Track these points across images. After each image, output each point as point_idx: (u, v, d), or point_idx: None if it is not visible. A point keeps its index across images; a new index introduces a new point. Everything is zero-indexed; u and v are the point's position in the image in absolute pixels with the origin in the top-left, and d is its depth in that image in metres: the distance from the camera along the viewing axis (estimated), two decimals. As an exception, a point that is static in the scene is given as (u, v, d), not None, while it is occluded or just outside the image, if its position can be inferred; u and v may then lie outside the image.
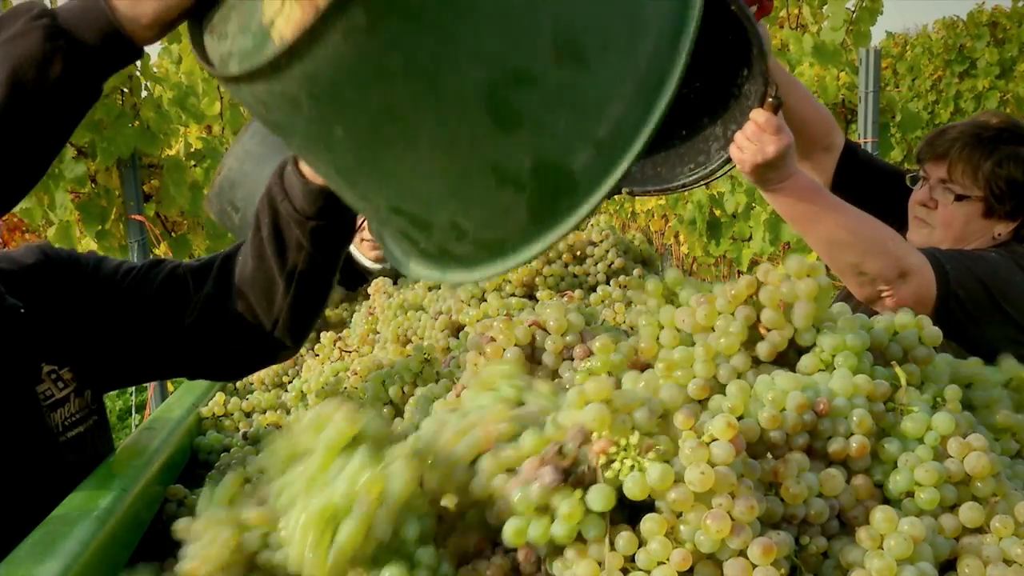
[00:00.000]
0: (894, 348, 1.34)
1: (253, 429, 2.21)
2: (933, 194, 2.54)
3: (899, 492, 1.19)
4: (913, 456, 1.18)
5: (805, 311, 1.25)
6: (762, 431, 1.16)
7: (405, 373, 2.01)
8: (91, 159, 4.43)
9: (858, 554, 1.09)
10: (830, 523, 1.15)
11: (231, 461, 2.09)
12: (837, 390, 1.20)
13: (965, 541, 1.16)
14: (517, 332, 1.43)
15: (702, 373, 1.26)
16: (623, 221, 13.66)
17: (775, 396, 1.16)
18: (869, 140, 4.88)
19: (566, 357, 1.45)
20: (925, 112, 12.03)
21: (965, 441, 1.19)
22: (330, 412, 1.14)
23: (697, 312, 1.28)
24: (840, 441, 1.17)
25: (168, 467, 1.94)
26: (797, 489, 1.11)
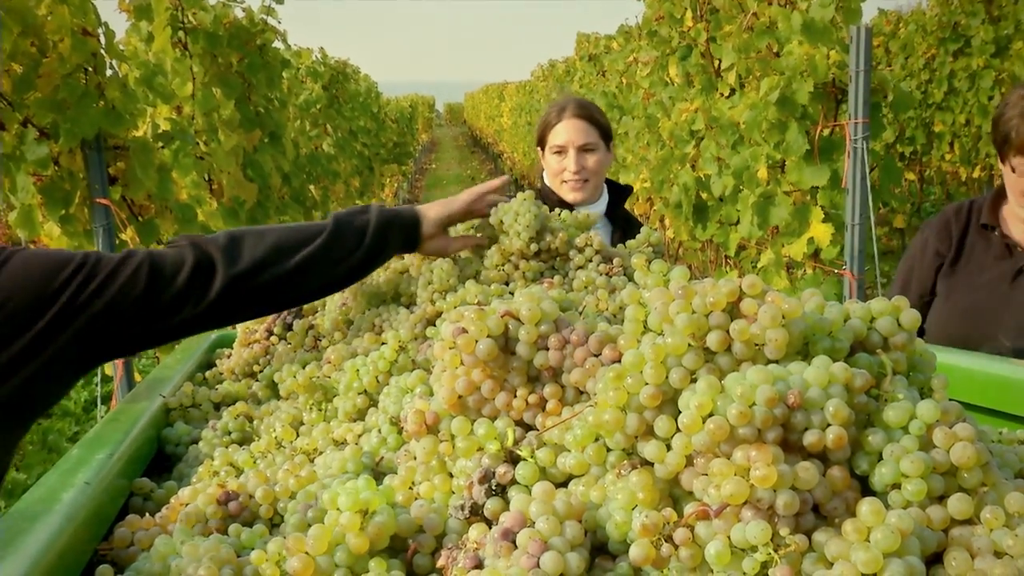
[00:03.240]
0: (873, 336, 1.35)
1: (223, 420, 2.20)
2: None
3: (885, 484, 1.20)
4: (898, 447, 1.19)
5: (775, 348, 1.26)
6: (731, 428, 1.16)
7: (380, 362, 2.01)
8: (54, 141, 4.39)
9: (843, 547, 1.09)
10: (805, 517, 1.16)
11: (200, 453, 2.08)
12: (812, 380, 1.21)
13: (954, 533, 1.17)
14: (489, 323, 1.44)
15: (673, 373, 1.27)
16: (607, 204, 13.66)
17: (744, 391, 1.17)
18: (860, 120, 4.89)
19: (541, 347, 1.45)
20: (918, 92, 12.06)
21: (951, 430, 1.20)
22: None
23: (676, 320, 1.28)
24: (816, 433, 1.18)
25: (133, 460, 1.93)
26: (765, 472, 1.12)
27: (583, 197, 3.71)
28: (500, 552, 1.21)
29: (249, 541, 1.49)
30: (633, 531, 1.21)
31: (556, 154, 3.74)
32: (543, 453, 1.38)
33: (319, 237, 2.05)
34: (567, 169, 3.69)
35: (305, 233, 2.06)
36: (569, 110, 3.73)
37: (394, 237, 2.20)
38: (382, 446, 1.77)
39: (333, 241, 2.07)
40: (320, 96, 11.76)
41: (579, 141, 3.69)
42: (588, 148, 3.71)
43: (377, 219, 2.17)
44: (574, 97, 3.85)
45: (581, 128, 3.71)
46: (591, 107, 3.79)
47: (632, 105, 9.44)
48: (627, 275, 2.26)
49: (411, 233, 2.27)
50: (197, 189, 5.76)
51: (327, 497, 1.34)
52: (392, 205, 2.24)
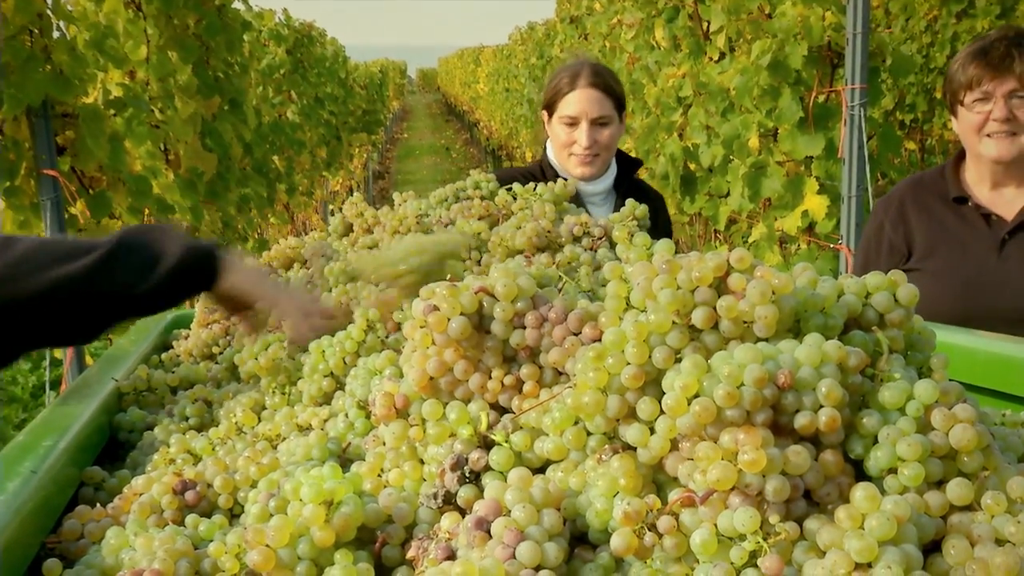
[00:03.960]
0: (869, 313, 1.36)
1: (180, 405, 2.19)
2: (1012, 108, 2.99)
3: (880, 469, 1.20)
4: (895, 429, 1.20)
5: (764, 326, 1.26)
6: (719, 410, 1.17)
7: (347, 342, 2.00)
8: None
9: (836, 535, 1.10)
10: (796, 503, 1.16)
11: (155, 440, 2.08)
12: (803, 359, 1.21)
13: (953, 520, 1.18)
14: (462, 300, 1.43)
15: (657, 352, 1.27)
16: (590, 176, 13.65)
17: (731, 371, 1.17)
18: (857, 86, 4.90)
19: (517, 325, 1.45)
20: (919, 56, 12.08)
21: (951, 412, 1.20)
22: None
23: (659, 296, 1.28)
24: (807, 415, 1.18)
25: (84, 448, 1.93)
26: (754, 456, 1.12)
27: (591, 173, 3.64)
28: (474, 542, 1.21)
29: (207, 533, 1.49)
30: (615, 519, 1.21)
31: (567, 125, 3.62)
32: (519, 437, 1.38)
33: (87, 256, 1.77)
34: (578, 143, 3.60)
35: (69, 248, 1.78)
36: (584, 77, 3.61)
37: (196, 278, 1.92)
38: (349, 431, 1.77)
39: (106, 264, 1.78)
40: (284, 61, 11.71)
41: (593, 113, 3.58)
42: (602, 121, 3.61)
43: (181, 249, 1.87)
44: (589, 61, 3.74)
45: (595, 99, 3.59)
46: (606, 74, 3.69)
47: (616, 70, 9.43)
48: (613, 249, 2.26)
49: (212, 276, 1.96)
50: (152, 160, 5.73)
51: (289, 487, 1.34)
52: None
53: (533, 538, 1.19)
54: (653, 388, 1.26)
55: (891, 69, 5.24)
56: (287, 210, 11.60)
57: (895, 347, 1.34)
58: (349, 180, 18.39)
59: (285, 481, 1.38)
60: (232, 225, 7.16)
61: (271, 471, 1.62)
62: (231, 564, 1.32)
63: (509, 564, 1.16)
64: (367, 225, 2.73)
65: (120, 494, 1.68)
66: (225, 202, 6.78)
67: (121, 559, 1.41)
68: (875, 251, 3.33)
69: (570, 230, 2.34)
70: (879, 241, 3.32)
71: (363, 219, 2.74)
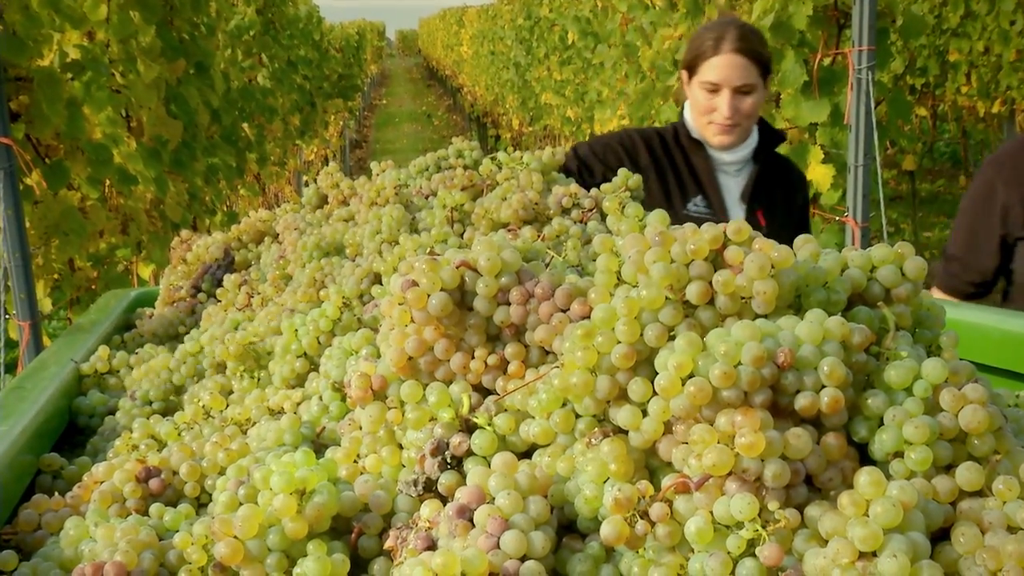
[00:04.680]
0: (874, 287, 1.36)
1: (143, 388, 2.19)
2: None
3: (886, 452, 1.20)
4: (901, 410, 1.20)
5: (763, 301, 1.26)
6: (715, 390, 1.17)
7: (321, 320, 2.00)
8: (-55, 71, 4.34)
9: (839, 522, 1.10)
10: (796, 489, 1.17)
11: (117, 425, 2.07)
12: (804, 337, 1.21)
13: (963, 506, 1.18)
14: (443, 274, 1.43)
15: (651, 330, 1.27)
16: (581, 144, 13.63)
17: (728, 349, 1.17)
18: (865, 48, 4.89)
19: (501, 302, 1.45)
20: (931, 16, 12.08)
21: (960, 392, 1.21)
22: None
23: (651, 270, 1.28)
24: (809, 396, 1.19)
25: (41, 433, 1.92)
26: (752, 439, 1.13)
27: (730, 142, 3.60)
28: (456, 531, 1.22)
29: (173, 523, 1.49)
30: (605, 507, 1.21)
31: (707, 91, 3.56)
32: (503, 420, 1.38)
33: None
34: (718, 111, 3.54)
35: None
36: (728, 41, 3.51)
37: None
38: (323, 415, 1.77)
39: None
40: (253, 21, 11.64)
41: (736, 82, 3.52)
42: (745, 89, 3.54)
43: None
44: (736, 22, 3.65)
45: (740, 66, 3.51)
46: (753, 37, 3.59)
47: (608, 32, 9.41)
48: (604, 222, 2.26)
49: None
50: (113, 127, 5.70)
51: (260, 475, 1.34)
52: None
53: (518, 527, 1.20)
54: (645, 368, 1.26)
55: (901, 30, 5.24)
56: (258, 181, 11.57)
57: (902, 324, 1.35)
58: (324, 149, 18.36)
59: (255, 468, 1.38)
60: (199, 197, 7.14)
61: (240, 457, 1.62)
62: (198, 556, 1.32)
63: (493, 554, 1.16)
64: (343, 196, 2.73)
65: (80, 482, 1.68)
66: (191, 172, 6.76)
67: (81, 551, 1.40)
68: (984, 215, 3.27)
69: (559, 201, 2.34)
70: (990, 205, 3.24)
71: (339, 190, 2.74)
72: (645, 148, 3.63)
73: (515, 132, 20.27)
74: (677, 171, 3.64)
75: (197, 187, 6.99)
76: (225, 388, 2.11)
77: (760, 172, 3.69)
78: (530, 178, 2.40)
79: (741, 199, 3.65)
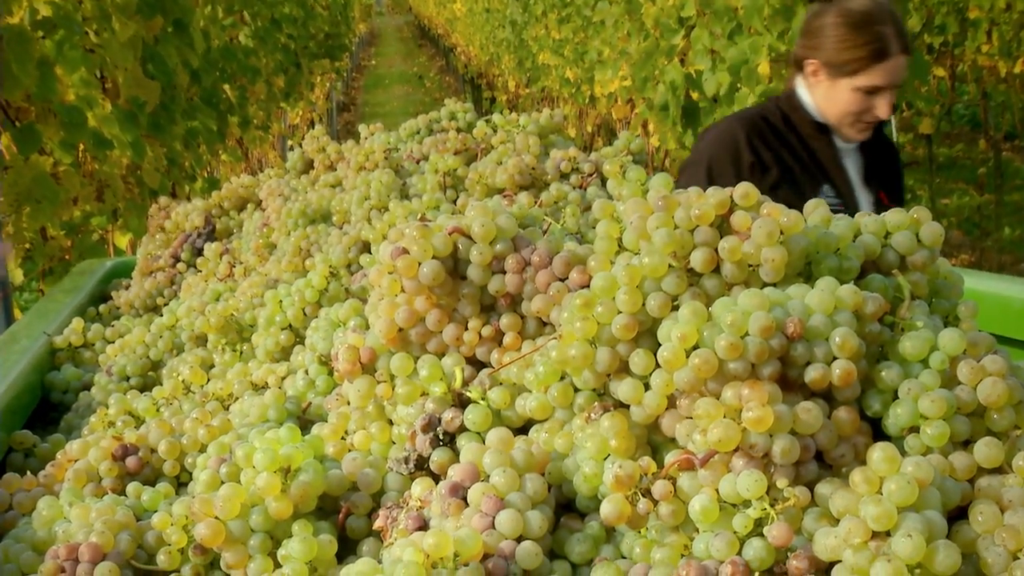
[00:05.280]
0: (888, 254, 1.36)
1: (120, 363, 2.19)
2: None
3: (900, 427, 1.21)
4: (916, 383, 1.20)
5: (771, 269, 1.26)
6: (720, 362, 1.17)
7: (307, 291, 2.00)
8: (-92, 29, 4.33)
9: (851, 501, 1.10)
10: (806, 466, 1.17)
11: (92, 401, 2.08)
12: (815, 306, 1.21)
13: (981, 483, 1.18)
14: (435, 241, 1.43)
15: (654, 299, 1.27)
16: (580, 108, 13.62)
17: (735, 319, 1.17)
18: (879, 5, 4.88)
19: (496, 270, 1.45)
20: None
21: (979, 364, 1.21)
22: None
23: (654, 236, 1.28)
24: (819, 368, 1.19)
25: (12, 410, 1.93)
26: (760, 413, 1.13)
27: (868, 137, 3.49)
28: (448, 511, 1.22)
29: (151, 503, 1.49)
30: (605, 485, 1.21)
31: (865, 93, 3.37)
32: (498, 395, 1.38)
33: None
34: (874, 110, 3.39)
35: None
36: (894, 42, 3.33)
37: None
38: (309, 390, 1.77)
39: None
40: (235, -24, 11.60)
41: (900, 80, 3.41)
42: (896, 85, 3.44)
43: None
44: (888, 10, 3.42)
45: (904, 64, 3.38)
46: (901, 23, 3.44)
47: (610, -13, 9.38)
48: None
49: None
50: (87, 88, 5.67)
51: (242, 453, 1.34)
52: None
53: (514, 506, 1.20)
54: (647, 339, 1.26)
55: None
56: (240, 146, 11.54)
57: (918, 293, 1.34)
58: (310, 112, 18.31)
59: (237, 445, 1.38)
60: (178, 162, 7.12)
61: (222, 434, 1.62)
62: (177, 537, 1.33)
63: (488, 535, 1.17)
64: (329, 161, 2.72)
65: (53, 460, 1.68)
66: (170, 136, 6.73)
67: (55, 532, 1.41)
68: None
69: (557, 166, 2.34)
70: None
71: (325, 155, 2.73)
72: (760, 141, 3.48)
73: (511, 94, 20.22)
74: (800, 160, 3.51)
75: (176, 152, 6.97)
76: (206, 362, 2.11)
77: (869, 150, 3.58)
78: (527, 141, 2.40)
79: (865, 183, 3.55)
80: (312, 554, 1.26)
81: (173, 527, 1.34)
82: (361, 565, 1.15)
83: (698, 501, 1.14)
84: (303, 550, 1.26)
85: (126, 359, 2.20)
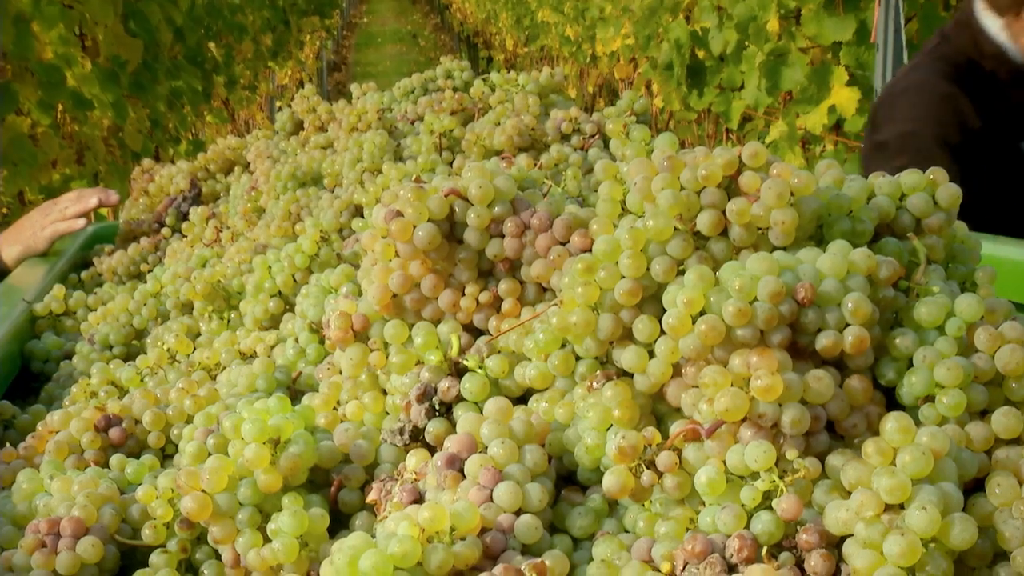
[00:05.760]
0: (903, 217, 1.35)
1: (103, 331, 2.19)
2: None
3: (915, 396, 1.20)
4: (932, 351, 1.20)
5: (781, 232, 1.25)
6: (728, 329, 1.16)
7: (297, 256, 2.00)
8: None
9: (863, 472, 1.10)
10: (817, 436, 1.17)
11: (74, 370, 2.08)
12: (827, 271, 1.20)
13: (999, 455, 1.18)
14: (430, 204, 1.42)
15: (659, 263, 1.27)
16: (580, 68, 13.59)
17: (743, 284, 1.16)
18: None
19: (494, 234, 1.44)
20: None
21: (997, 331, 1.21)
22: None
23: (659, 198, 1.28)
24: (831, 335, 1.18)
25: (-10, 380, 1.93)
26: (769, 381, 1.12)
27: None
28: (445, 483, 1.22)
29: (135, 476, 1.50)
30: (607, 456, 1.21)
31: None
32: (496, 363, 1.38)
33: None
34: None
35: None
36: None
37: None
38: (300, 358, 1.77)
39: None
40: (220, -71, 11.56)
41: None
42: None
43: None
44: None
45: None
46: None
47: (612, -59, 9.35)
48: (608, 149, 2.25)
49: None
50: (66, 46, 5.66)
51: (230, 424, 1.34)
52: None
53: (513, 478, 1.20)
54: (652, 305, 1.26)
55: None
56: (226, 107, 11.53)
57: (934, 257, 1.34)
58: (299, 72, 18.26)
59: (225, 416, 1.38)
60: (162, 124, 7.11)
61: (209, 404, 1.62)
62: (162, 511, 1.33)
63: (485, 508, 1.17)
64: (320, 122, 2.72)
65: (34, 432, 1.68)
66: (153, 97, 6.72)
67: (35, 506, 1.41)
68: None
69: (557, 127, 2.33)
70: None
71: (315, 115, 2.73)
72: (972, 96, 3.32)
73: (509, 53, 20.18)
74: (998, 112, 3.30)
75: (159, 113, 6.96)
76: (192, 330, 2.11)
77: None
78: (526, 101, 2.39)
79: None
80: (303, 528, 1.26)
81: (158, 501, 1.34)
82: (354, 540, 1.15)
83: (704, 473, 1.14)
84: (293, 524, 1.26)
85: (109, 327, 2.20)
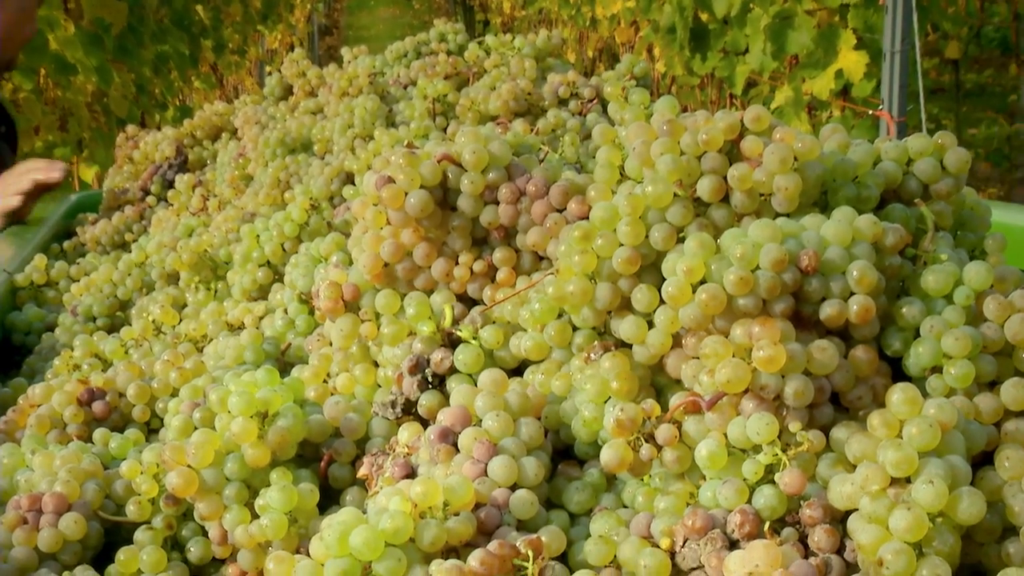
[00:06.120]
0: (910, 183, 1.35)
1: (86, 302, 2.19)
2: None
3: (922, 367, 1.20)
4: (940, 320, 1.20)
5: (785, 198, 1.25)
6: (729, 298, 1.16)
7: (286, 225, 2.00)
8: None
9: (869, 445, 1.10)
10: (821, 408, 1.17)
11: (56, 343, 2.08)
12: (831, 238, 1.20)
13: (1008, 427, 1.18)
14: (422, 170, 1.42)
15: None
16: (580, 31, 13.56)
17: (745, 251, 1.16)
18: None
19: (489, 200, 1.44)
20: None
21: (1007, 300, 1.20)
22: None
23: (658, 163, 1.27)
24: (836, 304, 1.18)
25: (-30, 353, 1.93)
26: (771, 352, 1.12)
27: None
28: (438, 457, 1.22)
29: (119, 451, 1.50)
30: (605, 429, 1.21)
31: None
32: (490, 333, 1.38)
33: None
34: None
35: None
36: None
37: None
38: (289, 329, 1.77)
39: None
40: None
41: None
42: None
43: None
44: None
45: None
46: None
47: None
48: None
49: None
50: (48, 9, 5.64)
51: (216, 397, 1.33)
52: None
53: (508, 452, 1.20)
54: (651, 273, 1.26)
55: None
56: (214, 71, 11.50)
57: (942, 224, 1.34)
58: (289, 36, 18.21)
59: (211, 389, 1.38)
60: (148, 89, 7.10)
61: (195, 377, 1.62)
62: (147, 486, 1.33)
63: (480, 482, 1.17)
64: (310, 87, 2.71)
65: (15, 406, 1.68)
66: (138, 61, 6.70)
67: (16, 481, 1.41)
68: None
69: (555, 91, 2.33)
70: None
71: (305, 80, 2.72)
72: None
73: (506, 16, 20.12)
74: None
75: (145, 78, 6.95)
76: (178, 301, 2.10)
77: None
78: (522, 65, 2.38)
79: None
80: (292, 504, 1.26)
81: (143, 476, 1.34)
82: (344, 515, 1.15)
83: (705, 446, 1.14)
84: (282, 500, 1.26)
85: (92, 298, 2.20)
